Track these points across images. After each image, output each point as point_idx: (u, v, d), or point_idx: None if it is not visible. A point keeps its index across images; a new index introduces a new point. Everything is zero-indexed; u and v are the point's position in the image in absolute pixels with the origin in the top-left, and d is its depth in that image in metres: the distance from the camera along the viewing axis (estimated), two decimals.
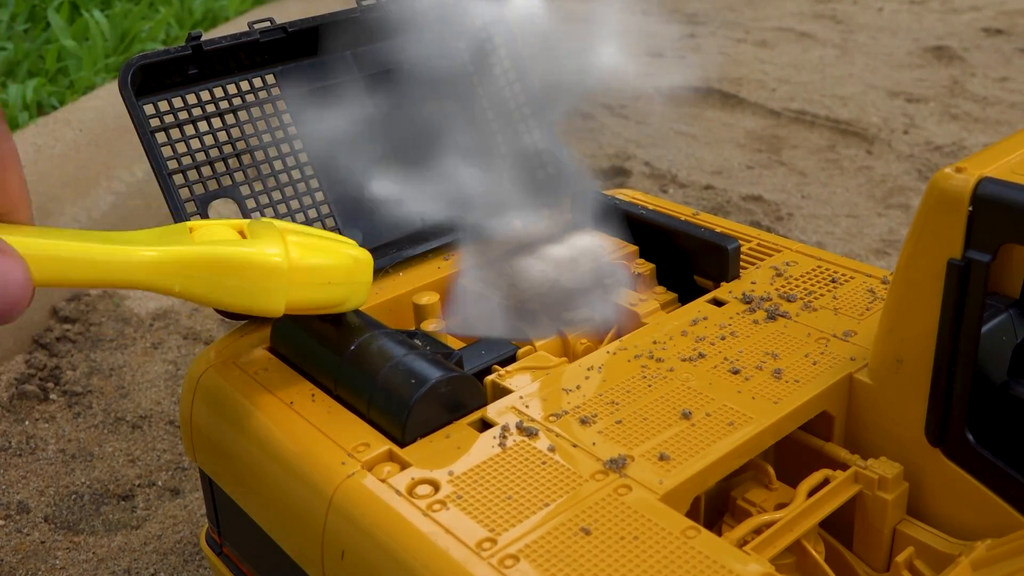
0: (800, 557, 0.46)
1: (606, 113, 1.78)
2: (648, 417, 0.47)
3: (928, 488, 0.48)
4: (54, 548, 0.81)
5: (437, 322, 0.59)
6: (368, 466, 0.46)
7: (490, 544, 0.40)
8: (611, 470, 0.44)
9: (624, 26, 0.59)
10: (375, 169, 0.66)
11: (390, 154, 0.68)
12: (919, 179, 1.47)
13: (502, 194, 0.65)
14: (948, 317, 0.44)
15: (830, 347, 0.52)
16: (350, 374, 0.51)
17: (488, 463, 0.45)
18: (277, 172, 0.65)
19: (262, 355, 0.57)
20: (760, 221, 1.34)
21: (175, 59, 0.61)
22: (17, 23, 1.72)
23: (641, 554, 0.39)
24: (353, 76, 0.68)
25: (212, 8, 1.97)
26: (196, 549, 0.81)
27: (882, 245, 1.28)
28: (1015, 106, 1.74)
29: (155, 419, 0.97)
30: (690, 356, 0.52)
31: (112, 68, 1.65)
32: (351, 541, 0.44)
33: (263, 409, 0.52)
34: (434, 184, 0.65)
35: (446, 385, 0.48)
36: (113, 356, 1.07)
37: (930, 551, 0.46)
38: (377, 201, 0.67)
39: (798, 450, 0.51)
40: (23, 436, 0.94)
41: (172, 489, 0.88)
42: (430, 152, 0.67)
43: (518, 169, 0.70)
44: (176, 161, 0.61)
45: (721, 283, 0.60)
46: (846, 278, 0.59)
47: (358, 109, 0.66)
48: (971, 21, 2.29)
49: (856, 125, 1.66)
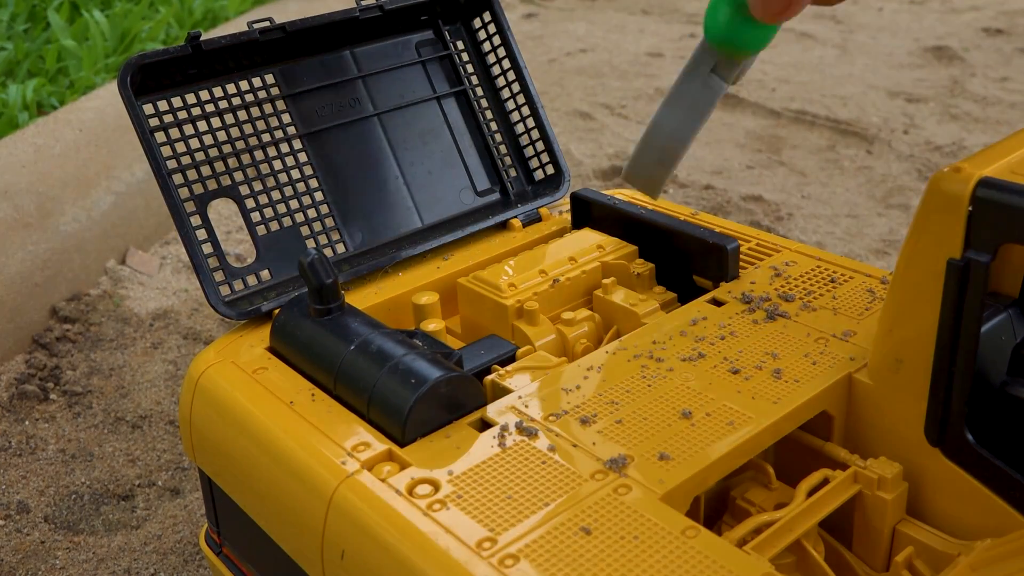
0: (800, 557, 0.46)
1: (606, 113, 1.78)
2: (648, 417, 0.47)
3: (928, 488, 0.48)
4: (54, 548, 0.81)
5: (437, 322, 0.59)
6: (368, 466, 0.46)
7: (490, 544, 0.40)
8: (611, 470, 0.44)
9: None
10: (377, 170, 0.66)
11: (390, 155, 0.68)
12: (919, 179, 1.47)
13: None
14: (947, 317, 0.44)
15: (829, 347, 0.52)
16: (350, 374, 0.51)
17: (488, 463, 0.45)
18: (277, 172, 0.65)
19: (262, 355, 0.57)
20: (760, 221, 1.34)
21: (175, 59, 0.61)
22: (17, 23, 1.72)
23: (641, 554, 0.39)
24: (353, 76, 0.68)
25: (212, 8, 1.97)
26: (196, 549, 0.81)
27: (882, 245, 1.28)
28: (1015, 106, 1.74)
29: (155, 419, 0.97)
30: (690, 356, 0.52)
31: (112, 68, 1.65)
32: (351, 541, 0.44)
33: (263, 409, 0.52)
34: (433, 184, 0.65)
35: (446, 385, 0.48)
36: (113, 356, 1.07)
37: (929, 551, 0.46)
38: (377, 201, 0.67)
39: (798, 450, 0.51)
40: (23, 436, 0.94)
41: (172, 489, 0.88)
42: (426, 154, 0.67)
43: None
44: (176, 161, 0.61)
45: (720, 283, 0.60)
46: (845, 278, 0.59)
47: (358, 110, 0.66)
48: (971, 21, 2.29)
49: (856, 125, 1.66)
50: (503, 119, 0.74)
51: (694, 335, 0.54)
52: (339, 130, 0.67)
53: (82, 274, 1.19)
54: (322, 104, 0.67)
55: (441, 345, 0.55)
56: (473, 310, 0.62)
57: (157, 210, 1.33)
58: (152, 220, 1.33)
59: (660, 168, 0.50)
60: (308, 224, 0.65)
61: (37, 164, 1.22)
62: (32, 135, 1.28)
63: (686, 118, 0.49)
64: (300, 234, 0.65)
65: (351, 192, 0.67)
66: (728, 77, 0.48)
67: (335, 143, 0.67)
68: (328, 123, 0.67)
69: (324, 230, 0.65)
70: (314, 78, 0.67)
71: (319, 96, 0.67)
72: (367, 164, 0.68)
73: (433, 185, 0.70)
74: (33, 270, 1.11)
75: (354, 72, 0.69)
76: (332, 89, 0.68)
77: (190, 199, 0.61)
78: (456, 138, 0.72)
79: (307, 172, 0.66)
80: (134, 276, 1.23)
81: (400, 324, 0.62)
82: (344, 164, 0.67)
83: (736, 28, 0.45)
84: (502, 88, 0.74)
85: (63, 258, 1.16)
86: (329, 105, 0.67)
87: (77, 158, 1.28)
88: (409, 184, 0.69)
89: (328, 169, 0.67)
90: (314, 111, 0.67)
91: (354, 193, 0.67)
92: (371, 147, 0.68)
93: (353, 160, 0.67)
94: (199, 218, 0.61)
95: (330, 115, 0.67)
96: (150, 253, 1.30)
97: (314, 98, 0.67)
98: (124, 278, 1.22)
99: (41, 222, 1.16)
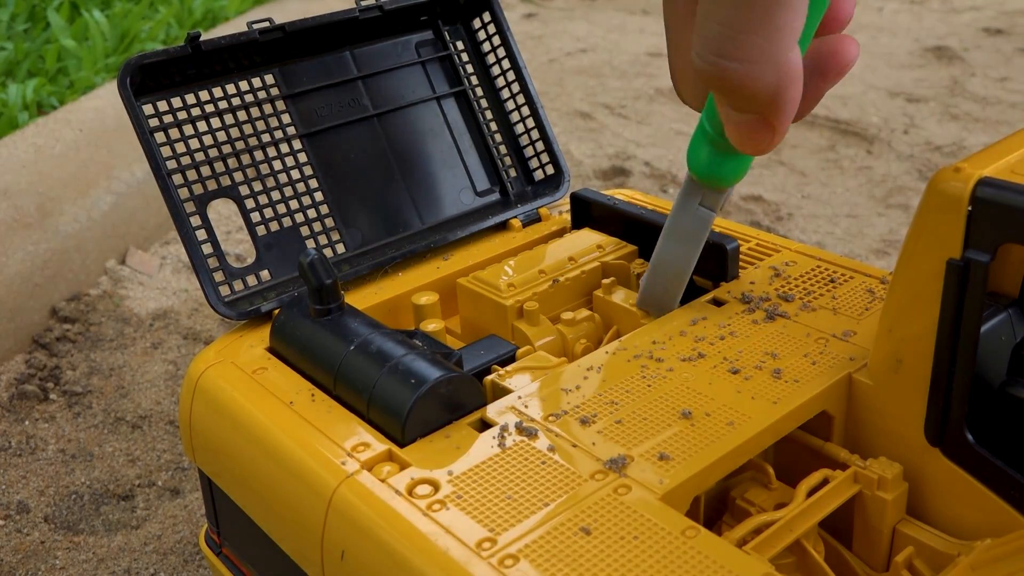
0: (800, 557, 0.46)
1: (606, 113, 1.78)
2: (648, 417, 0.47)
3: (928, 488, 0.48)
4: (54, 548, 0.81)
5: (437, 322, 0.59)
6: (368, 466, 0.46)
7: (490, 544, 0.40)
8: (611, 470, 0.44)
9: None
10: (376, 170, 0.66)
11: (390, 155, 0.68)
12: (919, 179, 1.47)
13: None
14: (947, 317, 0.44)
15: (829, 347, 0.52)
16: (349, 374, 0.51)
17: (488, 463, 0.45)
18: (277, 172, 0.65)
19: (262, 355, 0.57)
20: (760, 221, 1.34)
21: (174, 59, 0.61)
22: (17, 23, 1.72)
23: (641, 554, 0.39)
24: (353, 76, 0.68)
25: (212, 8, 1.97)
26: (196, 549, 0.81)
27: (882, 245, 1.28)
28: (1015, 106, 1.74)
29: (155, 419, 0.97)
30: (689, 356, 0.52)
31: (112, 68, 1.65)
32: (351, 541, 0.44)
33: (263, 409, 0.52)
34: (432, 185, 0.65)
35: (446, 385, 0.48)
36: (113, 356, 1.07)
37: (929, 551, 0.46)
38: (377, 201, 0.67)
39: (798, 450, 0.51)
40: (23, 436, 0.94)
41: (172, 489, 0.88)
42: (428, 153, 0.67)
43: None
44: (175, 161, 0.61)
45: (720, 283, 0.60)
46: (845, 278, 0.59)
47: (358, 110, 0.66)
48: (971, 21, 2.29)
49: (856, 125, 1.66)
50: (503, 119, 0.74)
51: (694, 335, 0.54)
52: (339, 130, 0.67)
53: (82, 274, 1.19)
54: (322, 104, 0.67)
55: (441, 345, 0.55)
56: (473, 310, 0.62)
57: (157, 210, 1.33)
58: (152, 220, 1.33)
59: (667, 296, 0.57)
60: (308, 224, 0.65)
61: (37, 164, 1.22)
62: (32, 135, 1.29)
63: (684, 251, 0.55)
64: (300, 234, 0.65)
65: (351, 192, 0.67)
66: (716, 205, 0.53)
67: (335, 143, 0.67)
68: (328, 123, 0.67)
69: (324, 230, 0.65)
70: (314, 78, 0.67)
71: (319, 96, 0.67)
72: (367, 164, 0.68)
73: (433, 185, 0.70)
74: (33, 270, 1.11)
75: (354, 72, 0.69)
76: (332, 89, 0.68)
77: (190, 199, 0.61)
78: (456, 138, 0.72)
79: (307, 172, 0.66)
80: (134, 276, 1.23)
81: (400, 324, 0.62)
82: (344, 164, 0.67)
83: (716, 164, 0.50)
84: (502, 88, 0.74)
85: (63, 258, 1.16)
86: (329, 105, 0.67)
87: (77, 158, 1.28)
88: (409, 184, 0.69)
89: (328, 169, 0.67)
90: (314, 111, 0.67)
91: (354, 193, 0.67)
92: (371, 147, 0.68)
93: (353, 160, 0.67)
94: (199, 218, 0.61)
95: (330, 115, 0.67)
96: (150, 253, 1.30)
97: (314, 98, 0.67)
98: (124, 278, 1.22)
99: (41, 222, 1.16)
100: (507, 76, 0.73)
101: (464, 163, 0.72)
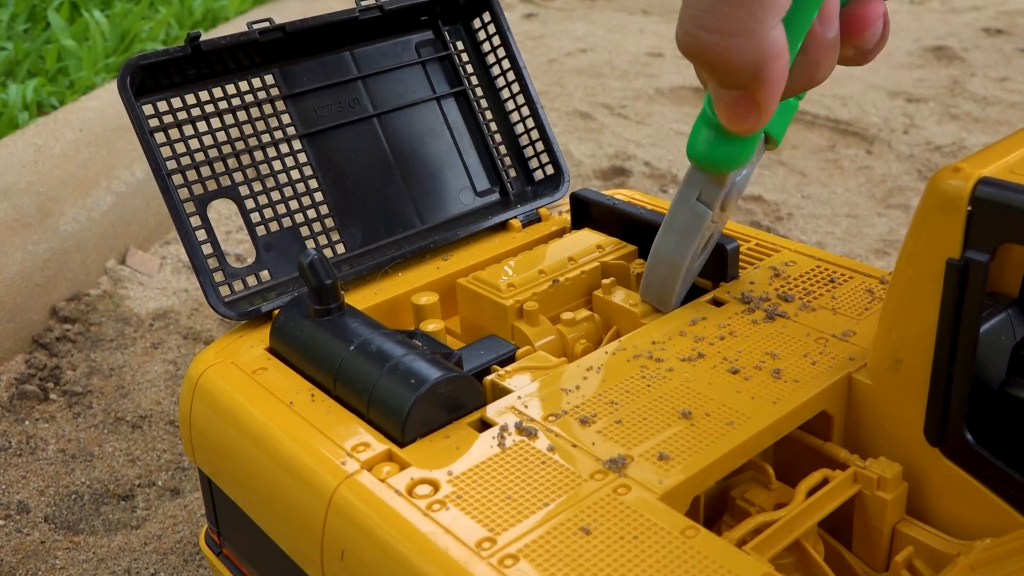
0: (800, 557, 0.46)
1: (606, 113, 1.78)
2: (648, 417, 0.47)
3: (927, 488, 0.48)
4: (54, 548, 0.81)
5: (437, 322, 0.59)
6: (368, 466, 0.46)
7: (490, 544, 0.40)
8: (611, 470, 0.44)
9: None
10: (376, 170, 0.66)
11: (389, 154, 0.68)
12: (919, 179, 1.47)
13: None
14: (947, 317, 0.44)
15: (829, 347, 0.52)
16: (349, 374, 0.51)
17: (487, 463, 0.45)
18: (277, 172, 0.65)
19: (262, 355, 0.57)
20: (760, 221, 1.34)
21: (174, 59, 0.61)
22: (17, 23, 1.73)
23: (641, 554, 0.39)
24: (353, 76, 0.68)
25: (212, 8, 1.97)
26: (196, 549, 0.81)
27: (882, 245, 1.28)
28: (1015, 106, 1.74)
29: (155, 419, 0.97)
30: (689, 356, 0.52)
31: (112, 68, 1.65)
32: (351, 541, 0.44)
33: (263, 409, 0.52)
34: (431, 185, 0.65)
35: (446, 385, 0.48)
36: (113, 356, 1.07)
37: (929, 551, 0.46)
38: (376, 201, 0.67)
39: (797, 450, 0.51)
40: (23, 436, 0.94)
41: (172, 489, 0.88)
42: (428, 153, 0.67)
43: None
44: (175, 161, 0.61)
45: (720, 283, 0.60)
46: (845, 278, 0.59)
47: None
48: (971, 21, 2.29)
49: (856, 125, 1.66)
50: (503, 119, 0.74)
51: (694, 335, 0.54)
52: (339, 130, 0.67)
53: (82, 274, 1.19)
54: (322, 104, 0.67)
55: (441, 345, 0.55)
56: (473, 310, 0.62)
57: (157, 210, 1.33)
58: (152, 220, 1.33)
59: (665, 287, 0.56)
60: (308, 224, 0.65)
61: (37, 164, 1.22)
62: (32, 135, 1.29)
63: (679, 243, 0.55)
64: (300, 234, 0.65)
65: (351, 192, 0.67)
66: (714, 201, 0.52)
67: (335, 143, 0.67)
68: (328, 123, 0.67)
69: (324, 230, 0.65)
70: (314, 78, 0.67)
71: (319, 96, 0.67)
72: (367, 164, 0.68)
73: (433, 185, 0.70)
74: (33, 270, 1.11)
75: (354, 72, 0.69)
76: (332, 89, 0.68)
77: (190, 199, 0.61)
78: (456, 138, 0.72)
79: (307, 172, 0.66)
80: (134, 276, 1.23)
81: (400, 324, 0.62)
82: (344, 164, 0.67)
83: (714, 147, 0.49)
84: (502, 88, 0.74)
85: (63, 258, 1.16)
86: (329, 105, 0.67)
87: (77, 158, 1.28)
88: (409, 184, 0.69)
89: (328, 169, 0.67)
90: (314, 111, 0.67)
91: (354, 193, 0.67)
92: (371, 147, 0.68)
93: (353, 160, 0.67)
94: (199, 218, 0.61)
95: (330, 115, 0.67)
96: (150, 253, 1.30)
97: (314, 98, 0.67)
98: (124, 278, 1.22)
99: (41, 222, 1.16)
100: (507, 76, 0.73)
101: (464, 163, 0.72)
